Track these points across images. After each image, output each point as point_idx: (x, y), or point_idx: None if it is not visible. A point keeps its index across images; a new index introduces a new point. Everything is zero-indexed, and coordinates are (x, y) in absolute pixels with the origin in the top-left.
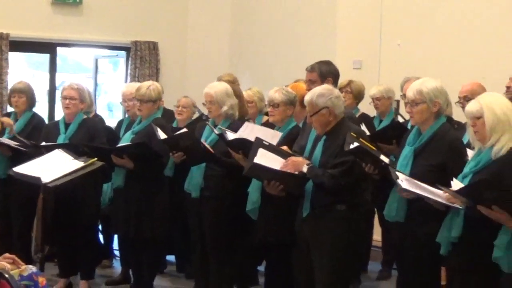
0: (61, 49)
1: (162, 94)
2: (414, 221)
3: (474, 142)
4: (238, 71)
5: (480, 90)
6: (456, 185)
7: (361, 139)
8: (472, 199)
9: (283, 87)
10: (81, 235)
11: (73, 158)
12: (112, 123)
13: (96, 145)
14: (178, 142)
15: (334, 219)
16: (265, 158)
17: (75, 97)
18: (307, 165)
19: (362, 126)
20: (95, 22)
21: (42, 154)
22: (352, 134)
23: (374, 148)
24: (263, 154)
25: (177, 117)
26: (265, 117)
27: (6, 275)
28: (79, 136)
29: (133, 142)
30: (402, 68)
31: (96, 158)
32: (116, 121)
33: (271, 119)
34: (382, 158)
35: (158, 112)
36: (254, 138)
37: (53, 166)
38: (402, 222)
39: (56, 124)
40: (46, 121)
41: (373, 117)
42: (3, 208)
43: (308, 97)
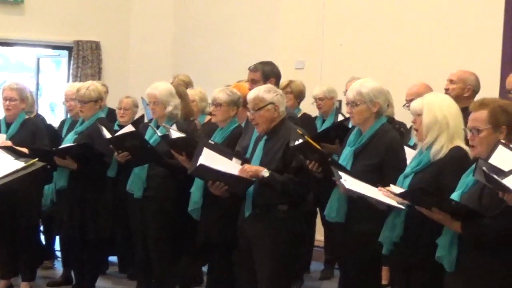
0: (3, 48)
1: (106, 93)
2: (355, 221)
3: (417, 141)
4: (180, 71)
5: (427, 91)
6: (395, 190)
7: (306, 137)
8: (412, 202)
9: (228, 87)
10: (22, 236)
11: (14, 158)
12: (54, 123)
13: (38, 147)
14: (124, 142)
15: (275, 219)
16: (210, 158)
17: (15, 97)
18: (268, 170)
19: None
20: (37, 22)
21: None
22: (298, 130)
23: (318, 146)
24: (208, 154)
25: (119, 119)
26: (207, 116)
27: None
28: (21, 136)
29: (76, 143)
30: (344, 68)
31: (37, 159)
32: (58, 120)
33: (214, 119)
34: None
35: (102, 112)
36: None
37: None
38: (342, 222)
39: None
40: None
41: (315, 117)
42: None
43: (253, 93)
